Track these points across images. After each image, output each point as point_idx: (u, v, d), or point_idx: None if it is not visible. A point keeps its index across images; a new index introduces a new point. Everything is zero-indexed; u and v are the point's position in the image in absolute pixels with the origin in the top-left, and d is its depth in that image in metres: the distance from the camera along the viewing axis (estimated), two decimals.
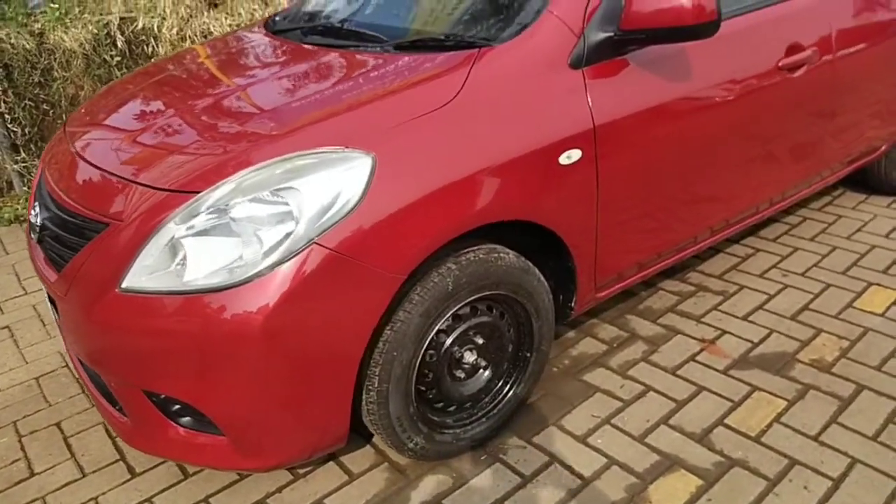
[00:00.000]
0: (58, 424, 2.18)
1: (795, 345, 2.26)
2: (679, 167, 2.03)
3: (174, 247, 1.45)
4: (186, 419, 1.59)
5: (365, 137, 1.52)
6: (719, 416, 1.98)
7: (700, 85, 2.00)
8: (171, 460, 1.82)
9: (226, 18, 3.96)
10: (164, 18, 3.96)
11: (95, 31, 3.81)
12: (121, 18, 3.92)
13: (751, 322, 2.40)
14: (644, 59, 1.89)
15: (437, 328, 1.67)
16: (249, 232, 1.43)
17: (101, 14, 3.88)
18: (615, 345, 2.35)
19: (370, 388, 1.62)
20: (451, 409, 1.85)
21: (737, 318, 2.43)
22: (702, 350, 2.28)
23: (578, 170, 1.78)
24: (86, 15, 3.85)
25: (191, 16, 4.03)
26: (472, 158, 1.59)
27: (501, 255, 1.73)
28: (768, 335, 2.33)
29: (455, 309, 1.68)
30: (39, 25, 3.71)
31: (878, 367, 2.13)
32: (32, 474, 1.98)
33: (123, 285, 1.47)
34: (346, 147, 1.49)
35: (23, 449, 2.08)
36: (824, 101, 2.42)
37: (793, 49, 2.23)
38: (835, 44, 2.37)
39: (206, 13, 4.08)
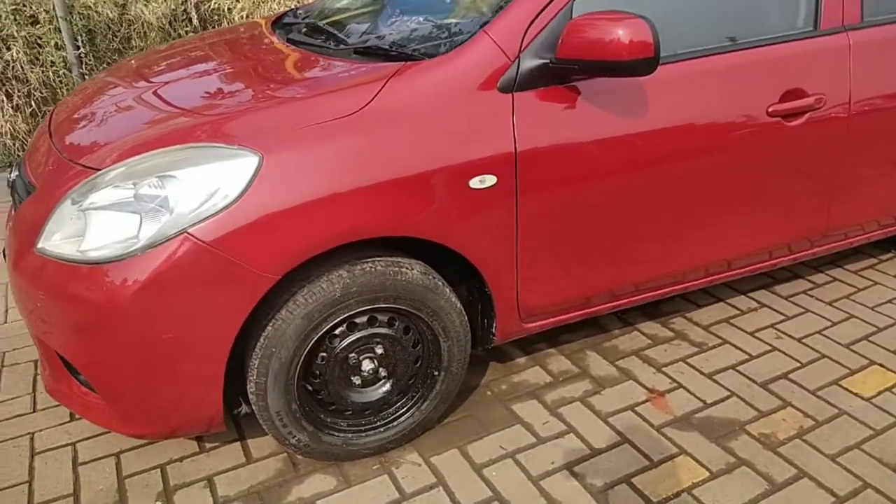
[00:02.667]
0: (35, 362, 2.41)
1: (751, 414, 2.07)
2: (620, 209, 1.92)
3: (73, 218, 1.56)
4: (82, 377, 1.71)
5: (260, 137, 1.56)
6: (628, 473, 1.86)
7: (654, 124, 1.88)
8: (72, 411, 1.96)
9: (295, 5, 4.13)
10: (237, 1, 4.20)
11: (173, 6, 4.12)
12: None
13: (715, 381, 2.23)
14: (592, 90, 1.79)
15: (324, 332, 1.69)
16: (131, 213, 1.51)
17: None
18: (561, 379, 2.26)
19: (251, 379, 1.68)
20: (347, 413, 1.86)
21: (702, 373, 2.26)
22: (646, 400, 2.14)
23: (494, 196, 1.72)
24: None
25: (263, 1, 4.25)
26: (367, 169, 1.59)
27: (403, 269, 1.72)
28: (726, 398, 2.15)
29: (345, 316, 1.70)
30: None
31: (834, 456, 1.91)
32: None
33: (38, 246, 1.61)
34: (236, 144, 1.54)
35: None
36: (834, 155, 2.18)
37: (791, 95, 2.03)
38: (853, 95, 2.13)
39: (277, 0, 4.28)
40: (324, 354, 1.74)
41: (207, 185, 1.50)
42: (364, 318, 1.75)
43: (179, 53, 2.33)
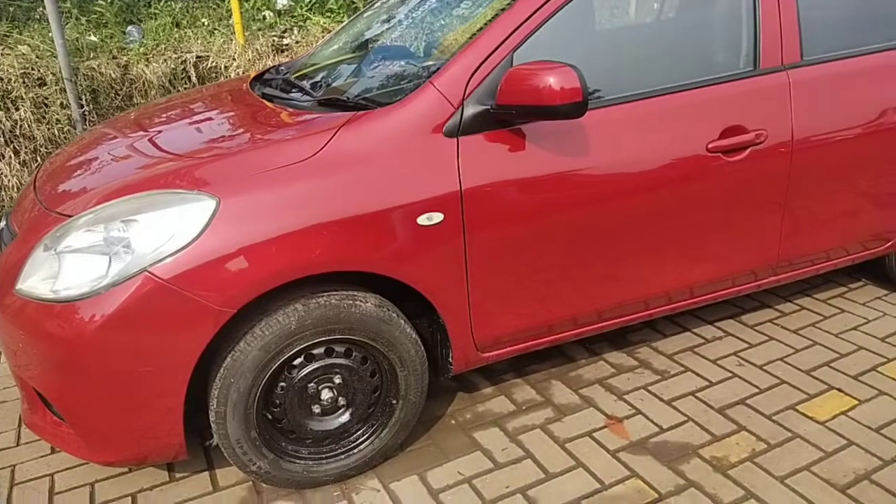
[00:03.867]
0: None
1: (705, 438, 2.13)
2: (566, 243, 2.02)
3: (48, 260, 1.70)
4: (55, 408, 1.82)
5: (218, 182, 1.71)
6: (580, 496, 1.92)
7: (596, 163, 2.00)
8: (49, 444, 2.06)
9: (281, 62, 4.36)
10: (233, 59, 4.44)
11: (173, 66, 4.36)
12: (197, 56, 4.44)
13: (673, 407, 2.29)
14: (534, 132, 1.93)
15: (282, 362, 1.80)
16: (101, 255, 1.65)
17: (180, 52, 4.43)
18: (524, 407, 2.33)
19: (211, 408, 1.78)
20: (308, 441, 1.95)
21: (661, 400, 2.33)
22: (605, 427, 2.21)
23: (441, 232, 1.84)
24: (168, 52, 4.41)
25: (258, 59, 4.49)
26: (316, 210, 1.73)
27: (358, 302, 1.83)
28: (682, 423, 2.20)
29: (301, 347, 1.80)
30: (126, 59, 4.31)
31: (783, 478, 1.95)
32: None
33: (17, 287, 1.74)
34: (196, 189, 1.68)
35: None
36: (780, 188, 2.28)
37: (730, 131, 2.15)
38: (795, 130, 2.24)
39: (271, 57, 4.52)
40: (283, 384, 1.84)
41: (167, 228, 1.64)
42: (321, 349, 1.86)
43: (164, 108, 2.51)
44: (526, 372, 2.53)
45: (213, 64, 4.44)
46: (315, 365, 1.86)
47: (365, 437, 1.99)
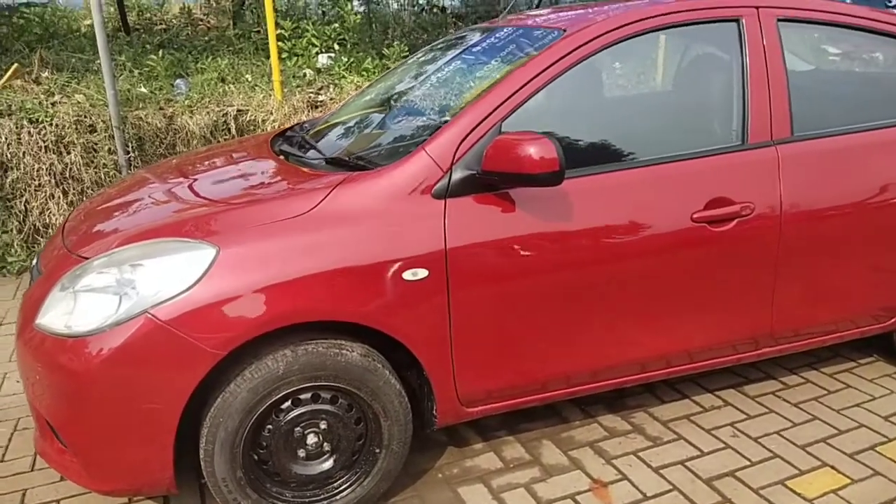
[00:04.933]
0: None
1: None
2: (549, 305, 2.09)
3: (63, 298, 1.85)
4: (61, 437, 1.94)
5: (220, 233, 1.85)
6: None
7: (580, 228, 2.08)
8: (54, 471, 2.18)
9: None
10: (271, 113, 4.70)
11: (215, 118, 4.64)
12: (237, 110, 4.72)
13: (660, 475, 2.28)
14: (521, 197, 2.02)
15: (270, 405, 1.89)
16: (109, 296, 1.79)
17: (223, 105, 4.72)
18: (512, 465, 2.36)
19: (201, 446, 1.88)
20: (292, 483, 2.01)
21: (650, 467, 2.32)
22: (589, 490, 2.22)
23: (426, 288, 1.94)
24: (211, 105, 4.70)
25: (294, 114, 4.74)
26: (309, 262, 1.84)
27: (344, 351, 1.93)
28: (667, 492, 2.20)
29: (288, 391, 1.90)
30: (172, 110, 4.60)
31: None
32: (2, 460, 2.45)
33: (36, 321, 1.90)
34: (199, 238, 1.82)
35: (9, 440, 2.58)
36: (769, 260, 2.31)
37: (715, 203, 2.20)
38: (784, 204, 2.28)
39: (306, 113, 4.77)
40: (270, 427, 1.93)
41: (169, 273, 1.77)
42: (308, 395, 1.95)
43: (191, 160, 2.70)
44: (518, 429, 2.56)
45: (252, 117, 4.70)
46: (301, 409, 1.94)
47: (347, 484, 2.05)
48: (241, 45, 6.04)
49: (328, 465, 2.02)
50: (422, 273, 1.93)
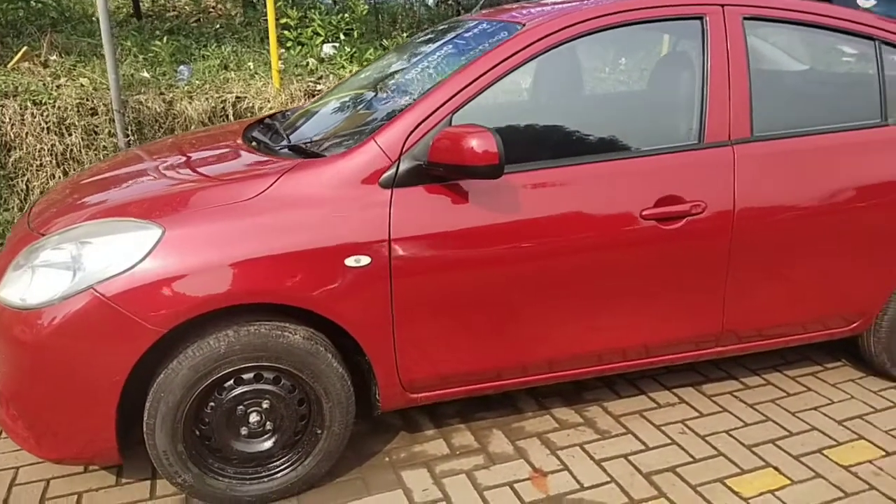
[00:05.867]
0: None
1: (622, 500, 2.16)
2: (494, 296, 2.13)
3: (21, 272, 1.94)
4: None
5: (168, 213, 1.92)
6: None
7: (524, 221, 2.11)
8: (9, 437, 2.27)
9: None
10: (268, 101, 4.78)
11: (213, 104, 4.73)
12: (236, 97, 4.81)
13: (601, 467, 2.32)
14: (469, 188, 2.07)
15: (212, 383, 1.96)
16: (60, 271, 1.88)
17: (222, 92, 4.81)
18: (458, 452, 2.41)
19: (144, 419, 1.96)
20: (234, 460, 2.09)
21: (592, 459, 2.36)
22: (528, 479, 2.26)
23: (369, 274, 1.99)
24: (211, 91, 4.79)
25: (291, 101, 4.81)
26: (252, 245, 1.91)
27: (286, 333, 1.99)
28: (605, 483, 2.23)
29: (230, 370, 1.97)
30: (172, 95, 4.71)
31: None
32: None
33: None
34: (147, 219, 1.89)
35: None
36: (719, 260, 2.32)
37: (666, 201, 2.22)
38: (737, 204, 2.29)
39: (303, 101, 4.84)
40: (212, 404, 2.01)
41: (115, 251, 1.85)
42: (251, 375, 2.02)
43: (166, 145, 2.78)
44: (472, 418, 2.61)
45: (250, 105, 4.79)
46: (244, 388, 2.02)
47: (289, 462, 2.12)
48: (246, 33, 6.13)
49: (269, 443, 2.09)
50: (364, 260, 1.99)
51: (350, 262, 1.98)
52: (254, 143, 2.48)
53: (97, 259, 1.85)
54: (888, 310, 2.68)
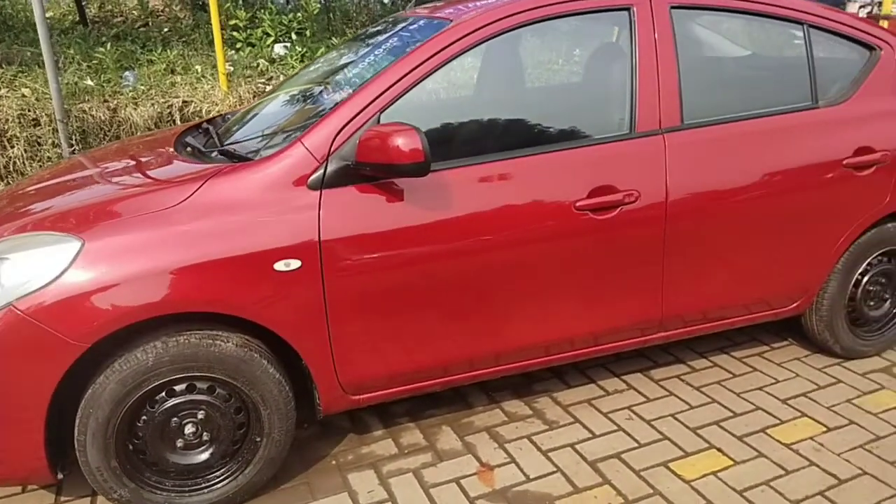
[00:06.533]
0: None
1: (566, 490, 2.17)
2: (431, 294, 2.12)
3: None
4: None
5: (88, 225, 1.88)
6: None
7: (458, 217, 2.10)
8: None
9: None
10: (216, 104, 4.71)
11: (160, 110, 4.66)
12: (183, 101, 4.74)
13: (548, 457, 2.33)
14: (399, 187, 2.05)
15: (142, 396, 1.93)
16: None
17: (168, 97, 4.73)
18: (406, 451, 2.40)
19: (75, 436, 1.92)
20: (171, 472, 2.06)
21: (539, 450, 2.37)
22: (475, 474, 2.26)
23: (300, 278, 1.97)
24: (157, 96, 4.72)
25: (239, 104, 4.75)
26: (177, 254, 1.87)
27: (218, 342, 1.96)
28: (550, 474, 2.25)
29: (160, 382, 1.93)
30: (116, 103, 4.62)
31: None
32: None
33: None
34: (66, 232, 1.85)
35: None
36: (655, 247, 2.34)
37: (599, 191, 2.23)
38: (669, 192, 2.31)
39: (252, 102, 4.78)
40: (145, 417, 1.97)
41: (34, 266, 1.81)
42: (183, 386, 1.99)
43: (99, 154, 2.73)
44: (421, 416, 2.60)
45: (197, 109, 4.72)
46: (176, 400, 1.98)
47: (229, 472, 2.09)
48: (194, 35, 6.04)
49: (207, 454, 2.06)
50: (294, 264, 1.96)
51: (280, 266, 1.95)
52: (188, 149, 2.44)
53: (15, 275, 1.80)
54: (828, 288, 2.73)
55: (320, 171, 2.01)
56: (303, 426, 2.31)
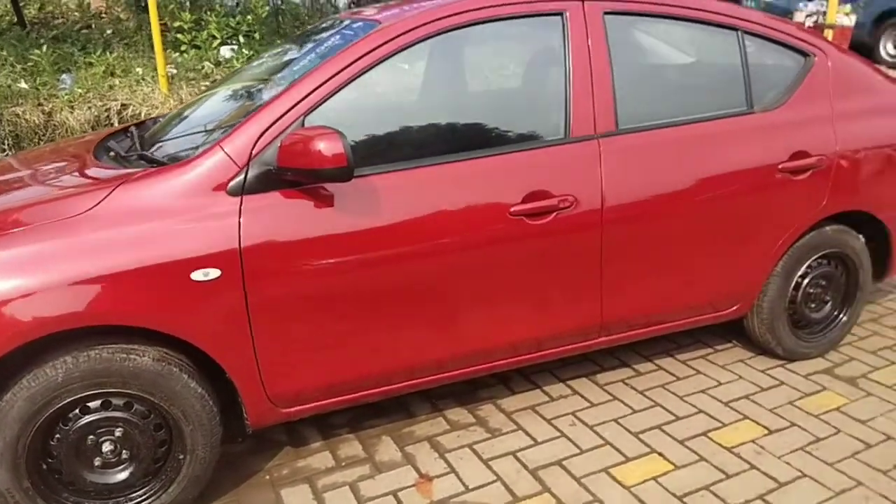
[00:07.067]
0: None
1: (506, 498, 2.12)
2: (359, 301, 2.05)
3: None
4: None
5: None
6: None
7: (387, 223, 2.04)
8: None
9: None
10: (155, 107, 4.57)
11: (97, 113, 4.49)
12: (121, 104, 4.58)
13: (489, 466, 2.28)
14: (324, 192, 1.98)
15: (54, 414, 1.82)
16: None
17: (106, 99, 4.57)
18: (344, 464, 2.32)
19: None
20: (90, 492, 1.94)
21: (480, 459, 2.32)
22: (413, 485, 2.20)
23: (219, 288, 1.88)
24: (94, 99, 4.55)
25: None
26: (83, 265, 1.77)
27: (133, 356, 1.86)
28: (490, 483, 2.19)
29: (71, 399, 1.82)
30: (51, 106, 4.45)
31: None
32: None
33: None
34: None
35: None
36: (592, 252, 2.31)
37: (534, 196, 2.19)
38: (605, 197, 2.28)
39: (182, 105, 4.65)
40: (58, 435, 1.86)
41: None
42: (98, 402, 1.88)
43: (21, 160, 2.59)
44: (362, 426, 2.53)
45: (136, 112, 4.57)
46: (91, 417, 1.88)
47: (151, 492, 1.99)
48: (137, 37, 5.87)
49: (127, 473, 1.95)
50: (213, 273, 1.87)
51: (197, 275, 1.86)
52: (111, 153, 2.33)
53: None
54: (767, 291, 2.74)
55: (241, 177, 1.93)
56: (237, 440, 2.22)
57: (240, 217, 1.90)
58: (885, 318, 3.29)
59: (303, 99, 2.00)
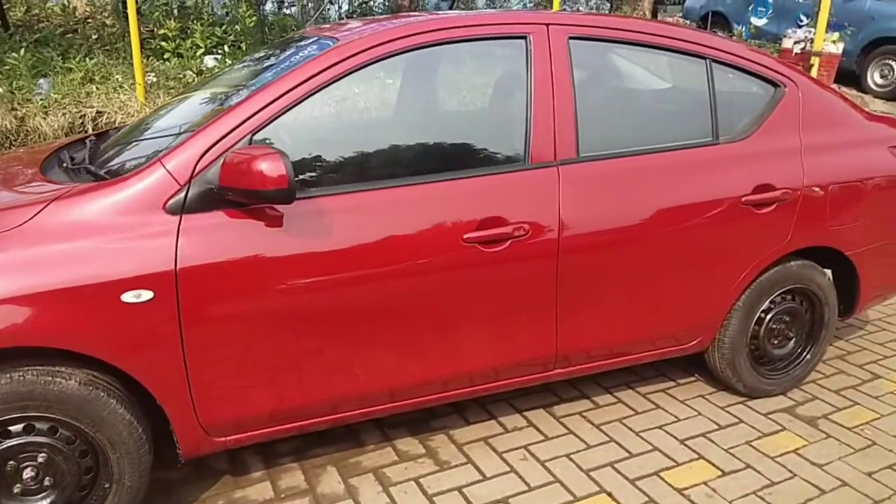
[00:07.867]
0: None
1: None
2: (301, 329, 1.99)
3: None
4: None
5: None
6: None
7: (333, 247, 1.98)
8: None
9: None
10: (131, 115, 4.52)
11: (71, 119, 4.44)
12: (97, 111, 4.53)
13: (432, 503, 2.21)
14: (269, 214, 1.92)
15: None
16: None
17: (81, 106, 4.52)
18: (283, 496, 2.25)
19: None
20: None
21: (425, 494, 2.25)
22: None
23: (152, 311, 1.82)
24: (69, 105, 4.50)
25: None
26: (7, 283, 1.70)
27: (58, 379, 1.79)
28: None
29: None
30: (24, 111, 4.39)
31: None
32: None
33: None
34: None
35: None
36: (547, 282, 2.25)
37: (488, 223, 2.14)
38: (563, 225, 2.23)
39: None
40: None
41: None
42: (20, 426, 1.81)
43: None
44: (308, 455, 2.45)
45: (112, 119, 4.52)
46: (12, 442, 1.80)
47: None
48: (119, 44, 5.82)
49: (47, 501, 1.87)
50: (146, 295, 1.81)
51: (128, 297, 1.79)
52: (63, 165, 2.27)
53: None
54: (729, 325, 2.69)
55: (181, 195, 1.87)
56: (176, 466, 2.14)
57: (178, 237, 1.84)
58: (853, 355, 3.25)
59: (251, 116, 1.95)
